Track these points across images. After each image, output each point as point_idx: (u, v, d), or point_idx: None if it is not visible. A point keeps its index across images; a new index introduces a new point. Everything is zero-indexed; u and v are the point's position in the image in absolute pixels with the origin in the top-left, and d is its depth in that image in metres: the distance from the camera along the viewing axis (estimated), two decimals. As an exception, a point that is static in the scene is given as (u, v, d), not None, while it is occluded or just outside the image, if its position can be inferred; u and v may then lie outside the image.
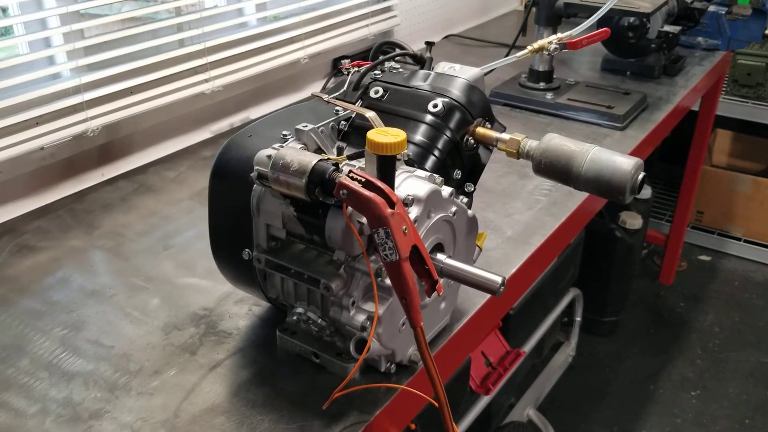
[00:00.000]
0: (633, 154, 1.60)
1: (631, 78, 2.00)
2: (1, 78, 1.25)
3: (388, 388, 0.87)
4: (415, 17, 2.31)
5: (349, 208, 0.76)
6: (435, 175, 0.86)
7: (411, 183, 0.83)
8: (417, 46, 1.08)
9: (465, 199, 0.92)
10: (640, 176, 0.85)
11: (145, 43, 1.47)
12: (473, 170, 0.98)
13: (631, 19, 1.89)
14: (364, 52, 2.00)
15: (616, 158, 0.86)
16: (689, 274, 3.05)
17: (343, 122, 0.93)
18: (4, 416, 0.83)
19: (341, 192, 0.73)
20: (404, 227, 0.72)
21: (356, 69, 1.02)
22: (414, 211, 0.80)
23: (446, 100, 0.93)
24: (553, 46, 1.15)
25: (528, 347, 1.61)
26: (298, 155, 0.77)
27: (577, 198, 1.33)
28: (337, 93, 0.98)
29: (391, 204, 0.72)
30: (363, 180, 0.73)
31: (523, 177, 1.41)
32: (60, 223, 1.26)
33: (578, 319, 2.05)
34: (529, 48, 1.16)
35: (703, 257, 3.16)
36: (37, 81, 1.32)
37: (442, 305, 0.95)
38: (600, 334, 2.60)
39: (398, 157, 0.84)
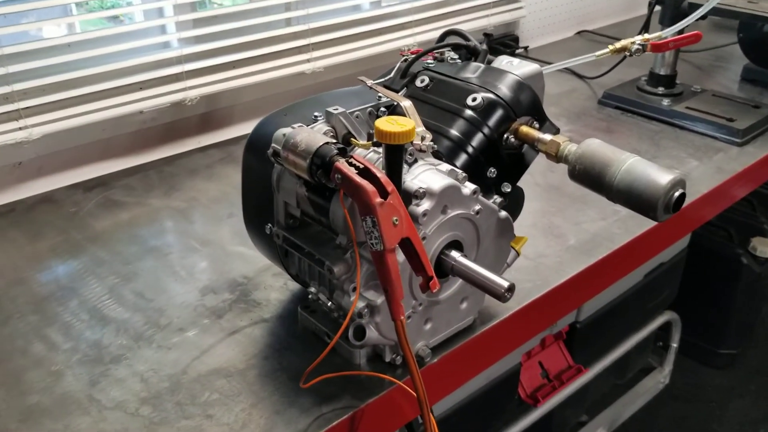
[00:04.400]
0: (748, 172, 1.46)
1: (773, 91, 1.82)
2: (116, 42, 1.36)
3: (391, 380, 0.86)
4: (545, 10, 2.20)
5: (351, 194, 0.76)
6: (458, 170, 0.83)
7: (427, 176, 0.81)
8: (545, 41, 1.04)
9: (498, 199, 0.89)
10: (677, 193, 0.77)
11: (252, 19, 1.54)
12: (515, 169, 0.94)
13: (778, 26, 1.71)
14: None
15: (653, 171, 0.78)
16: (838, 314, 2.72)
17: (383, 109, 0.92)
18: (40, 347, 0.92)
19: (336, 176, 0.73)
20: (395, 218, 0.71)
21: (414, 56, 1.01)
22: (425, 205, 0.79)
23: (487, 95, 0.90)
24: (635, 47, 1.07)
25: (599, 366, 1.52)
26: (308, 136, 0.78)
27: (662, 214, 1.23)
28: (384, 79, 0.98)
29: (384, 193, 0.71)
30: (361, 167, 0.73)
31: (607, 185, 1.32)
32: (146, 183, 1.35)
33: (674, 345, 1.90)
34: (610, 47, 1.09)
35: None
36: (145, 48, 1.42)
37: (464, 305, 0.92)
38: (714, 366, 2.39)
39: (423, 148, 0.83)
